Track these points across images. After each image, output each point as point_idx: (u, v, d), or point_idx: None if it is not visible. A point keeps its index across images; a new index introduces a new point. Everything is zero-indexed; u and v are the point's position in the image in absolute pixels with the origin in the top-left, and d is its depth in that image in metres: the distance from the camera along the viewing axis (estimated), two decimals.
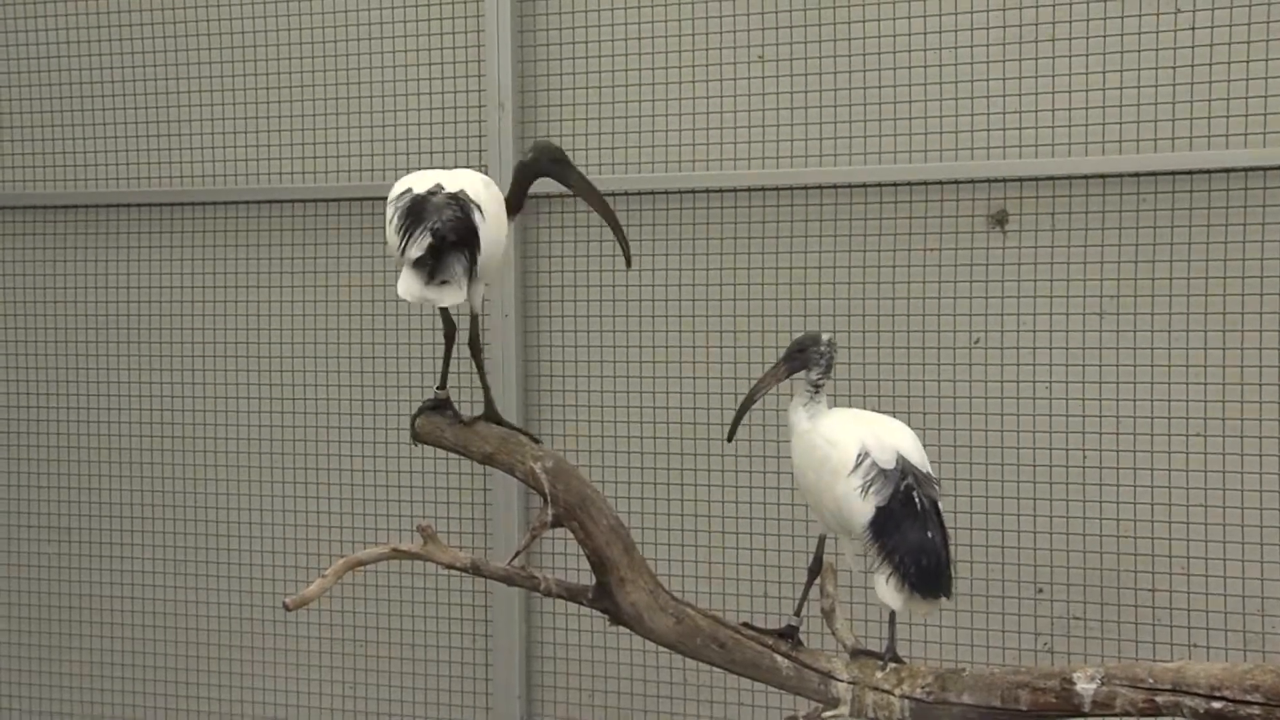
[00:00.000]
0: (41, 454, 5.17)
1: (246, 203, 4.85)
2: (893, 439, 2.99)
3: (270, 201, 4.81)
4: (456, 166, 4.51)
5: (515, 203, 3.23)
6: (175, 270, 4.97)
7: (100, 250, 5.05)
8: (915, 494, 2.92)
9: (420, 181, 3.04)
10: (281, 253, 4.82)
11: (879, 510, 2.90)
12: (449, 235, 2.89)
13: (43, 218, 5.12)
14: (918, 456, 3.00)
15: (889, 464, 2.94)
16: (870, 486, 2.91)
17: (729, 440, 3.28)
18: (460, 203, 2.96)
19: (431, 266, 2.89)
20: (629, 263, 3.31)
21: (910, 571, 2.88)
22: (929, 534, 2.89)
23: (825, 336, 3.08)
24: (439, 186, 3.00)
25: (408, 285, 2.90)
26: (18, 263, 5.16)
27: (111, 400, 5.06)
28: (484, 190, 3.05)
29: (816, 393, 3.08)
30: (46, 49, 5.06)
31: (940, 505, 2.98)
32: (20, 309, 5.17)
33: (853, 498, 2.91)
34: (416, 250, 2.88)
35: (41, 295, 5.13)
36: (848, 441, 2.97)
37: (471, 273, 2.94)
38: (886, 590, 2.92)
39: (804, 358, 3.09)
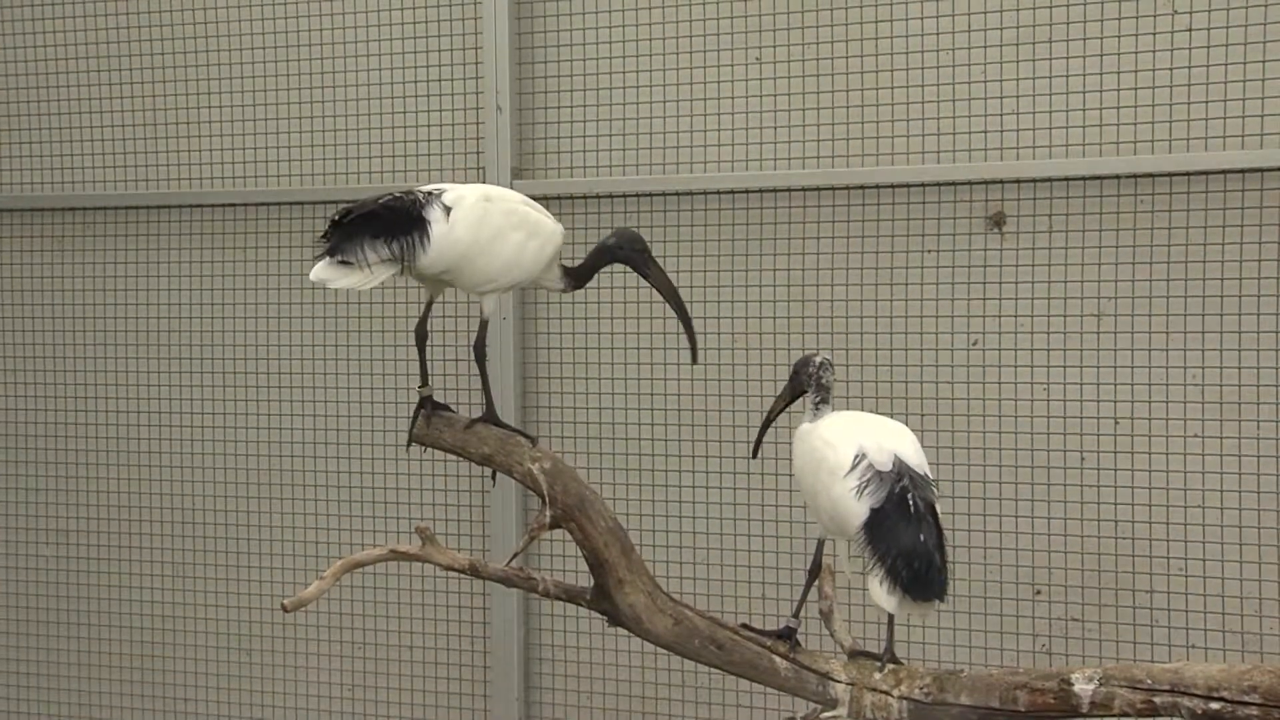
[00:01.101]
0: (41, 456, 5.17)
1: (246, 205, 4.84)
2: (891, 441, 2.99)
3: (270, 204, 4.81)
4: (454, 169, 4.58)
5: (580, 273, 3.27)
6: (172, 273, 4.97)
7: (100, 253, 5.05)
8: (910, 496, 2.91)
9: (425, 189, 3.06)
10: (280, 255, 4.82)
11: (873, 512, 2.90)
12: (341, 217, 2.93)
13: (44, 220, 5.12)
14: (916, 459, 3.00)
15: (885, 466, 2.94)
16: (865, 488, 2.91)
17: (753, 457, 3.32)
18: (413, 198, 2.98)
19: (331, 245, 2.93)
20: (695, 358, 3.33)
21: (902, 574, 2.88)
22: (922, 537, 2.89)
23: (817, 359, 3.12)
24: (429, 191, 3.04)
25: (315, 266, 2.95)
26: (19, 264, 5.16)
27: (111, 402, 5.06)
28: (475, 201, 3.03)
29: (819, 407, 3.11)
30: (49, 52, 5.06)
31: (937, 508, 2.98)
32: (22, 310, 5.17)
33: (848, 499, 2.91)
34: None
35: (43, 297, 5.14)
36: (845, 443, 2.97)
37: (404, 264, 2.95)
38: (880, 592, 2.92)
39: (798, 381, 3.15)
